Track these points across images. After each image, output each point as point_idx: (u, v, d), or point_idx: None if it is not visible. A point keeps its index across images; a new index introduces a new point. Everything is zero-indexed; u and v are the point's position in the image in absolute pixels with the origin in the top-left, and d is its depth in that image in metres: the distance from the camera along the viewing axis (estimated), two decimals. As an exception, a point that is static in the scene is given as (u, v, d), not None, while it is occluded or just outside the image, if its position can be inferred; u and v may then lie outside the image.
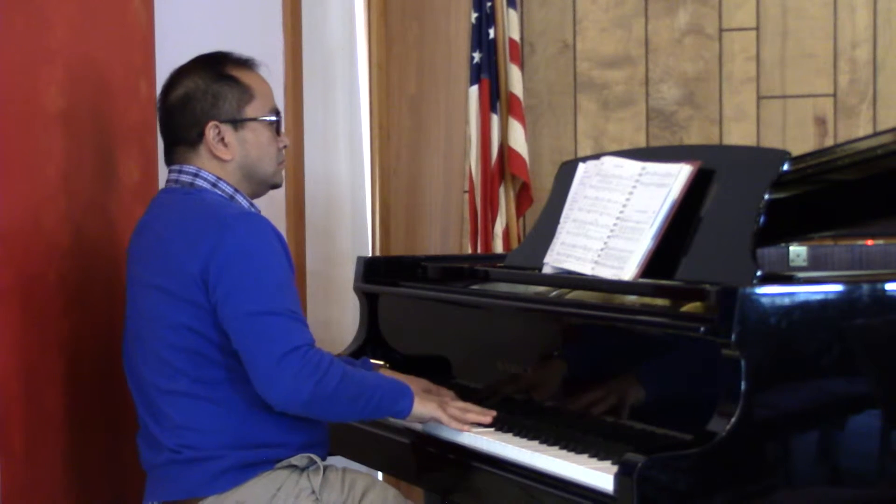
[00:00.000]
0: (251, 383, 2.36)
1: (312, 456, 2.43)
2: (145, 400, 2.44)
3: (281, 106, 3.09)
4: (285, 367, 2.29)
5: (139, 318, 2.45)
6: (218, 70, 2.50)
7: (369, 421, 2.67)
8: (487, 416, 2.44)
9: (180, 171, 2.50)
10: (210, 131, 2.47)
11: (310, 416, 2.41)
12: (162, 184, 2.95)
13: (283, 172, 2.66)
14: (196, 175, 2.48)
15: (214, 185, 2.48)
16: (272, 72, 2.66)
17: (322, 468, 2.42)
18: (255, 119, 2.50)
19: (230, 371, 2.38)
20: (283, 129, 2.59)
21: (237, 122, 2.49)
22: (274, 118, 2.54)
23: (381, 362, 2.83)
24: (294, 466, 2.42)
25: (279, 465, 2.41)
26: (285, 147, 2.58)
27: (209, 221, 2.38)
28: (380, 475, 3.64)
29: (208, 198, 2.46)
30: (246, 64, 2.55)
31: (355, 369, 2.42)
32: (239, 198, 2.50)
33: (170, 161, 2.54)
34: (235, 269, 2.33)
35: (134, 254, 2.51)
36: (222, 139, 2.48)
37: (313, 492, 2.39)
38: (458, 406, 2.46)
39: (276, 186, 2.60)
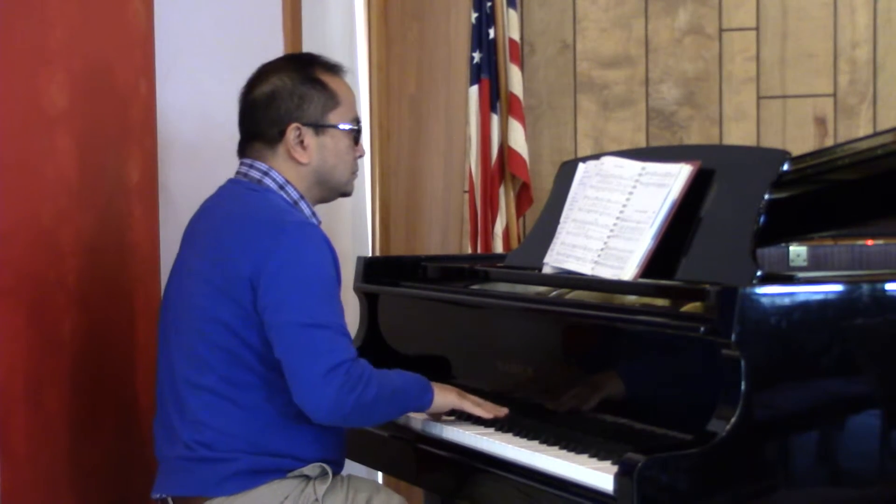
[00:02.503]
0: (281, 394, 2.35)
1: (325, 466, 2.41)
2: (172, 388, 2.42)
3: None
4: (328, 383, 2.28)
5: (179, 306, 2.44)
6: (307, 72, 2.50)
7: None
8: (501, 410, 2.45)
9: (251, 167, 2.49)
10: (291, 132, 2.47)
11: (346, 425, 2.41)
12: (161, 184, 2.96)
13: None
14: (266, 174, 2.47)
15: (282, 187, 2.47)
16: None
17: (330, 476, 2.40)
18: (336, 126, 2.50)
19: (261, 378, 2.36)
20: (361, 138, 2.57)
21: (319, 127, 2.48)
22: (355, 127, 2.53)
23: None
24: (305, 476, 2.40)
25: (291, 474, 2.39)
26: (361, 157, 2.58)
27: (267, 224, 2.37)
28: (380, 476, 3.64)
29: (272, 199, 2.44)
30: (333, 69, 2.54)
31: (381, 371, 2.40)
32: (303, 205, 2.48)
33: (243, 153, 2.52)
34: (287, 278, 2.32)
35: (188, 237, 2.50)
36: (301, 141, 2.47)
37: (317, 500, 2.37)
38: (473, 399, 2.48)
39: (346, 194, 2.60)
